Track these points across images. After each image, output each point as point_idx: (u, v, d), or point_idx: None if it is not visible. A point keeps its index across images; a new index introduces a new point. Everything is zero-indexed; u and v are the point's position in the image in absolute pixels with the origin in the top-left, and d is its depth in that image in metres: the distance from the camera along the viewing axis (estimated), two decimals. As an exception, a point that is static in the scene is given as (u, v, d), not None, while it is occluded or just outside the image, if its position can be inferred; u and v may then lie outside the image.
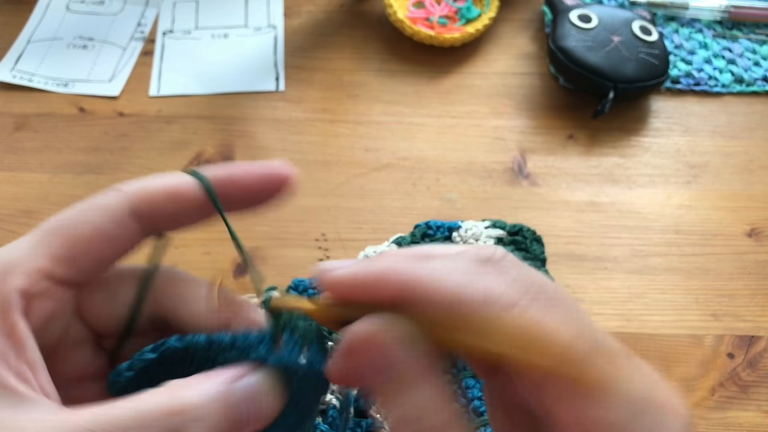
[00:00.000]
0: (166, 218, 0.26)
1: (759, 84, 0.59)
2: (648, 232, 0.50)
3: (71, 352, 0.26)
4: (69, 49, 0.61)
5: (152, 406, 0.22)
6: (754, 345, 0.45)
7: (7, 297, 0.23)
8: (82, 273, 0.25)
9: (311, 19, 0.64)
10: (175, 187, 0.26)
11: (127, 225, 0.25)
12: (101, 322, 0.27)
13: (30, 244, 0.25)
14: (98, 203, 0.25)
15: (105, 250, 0.25)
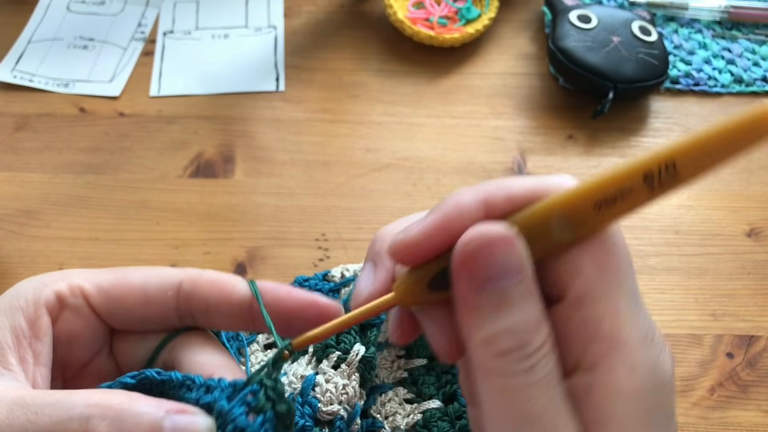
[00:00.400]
0: (203, 306, 0.27)
1: (758, 84, 0.59)
2: (647, 232, 0.50)
3: (93, 381, 0.28)
4: (69, 49, 0.61)
5: (82, 395, 0.23)
6: (754, 345, 0.45)
7: (44, 293, 0.26)
8: (113, 313, 0.27)
9: (311, 20, 0.64)
10: (223, 282, 0.27)
11: (167, 294, 0.27)
12: (126, 361, 0.28)
13: (90, 270, 0.28)
14: (159, 269, 0.27)
15: (139, 304, 0.27)
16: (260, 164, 0.54)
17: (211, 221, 0.50)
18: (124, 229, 0.50)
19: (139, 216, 0.50)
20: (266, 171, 0.53)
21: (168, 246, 0.49)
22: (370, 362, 0.37)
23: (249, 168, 0.53)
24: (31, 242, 0.49)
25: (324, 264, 0.48)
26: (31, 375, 0.25)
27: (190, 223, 0.50)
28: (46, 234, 0.49)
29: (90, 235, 0.49)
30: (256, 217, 0.50)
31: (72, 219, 0.50)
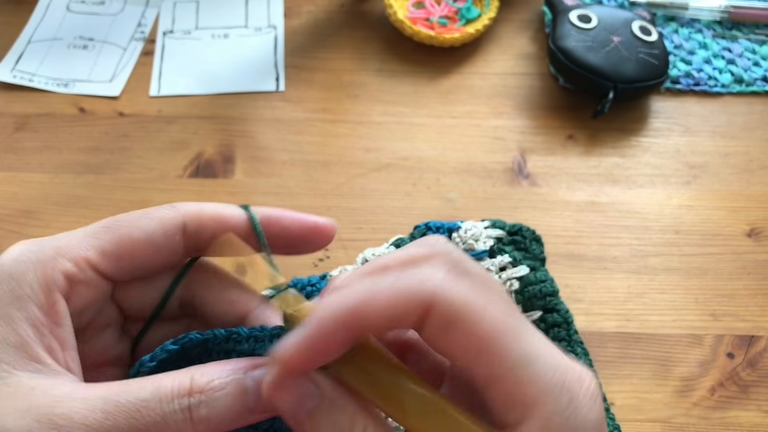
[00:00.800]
0: (210, 241, 0.28)
1: (759, 84, 0.59)
2: (648, 232, 0.50)
3: (98, 335, 0.28)
4: (69, 49, 0.61)
5: (170, 384, 0.23)
6: (754, 345, 0.45)
7: (53, 277, 0.25)
8: (123, 271, 0.27)
9: (311, 20, 0.64)
10: (224, 215, 0.28)
11: (175, 239, 0.27)
12: (134, 305, 0.29)
13: (83, 235, 0.27)
14: (154, 213, 0.27)
15: (149, 256, 0.27)
16: (260, 164, 0.53)
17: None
18: (124, 229, 0.50)
19: (138, 216, 0.50)
20: (266, 171, 0.53)
21: (168, 246, 0.49)
22: None
23: (249, 168, 0.53)
24: (31, 242, 0.49)
25: (324, 264, 0.48)
26: (63, 362, 0.25)
27: (190, 223, 0.50)
28: (46, 234, 0.49)
29: (90, 235, 0.49)
30: (256, 217, 0.50)
31: (72, 219, 0.50)
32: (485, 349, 0.22)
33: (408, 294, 0.22)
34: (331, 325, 0.22)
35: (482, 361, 0.22)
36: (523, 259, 0.43)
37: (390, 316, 0.22)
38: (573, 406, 0.22)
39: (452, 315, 0.22)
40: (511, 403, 0.22)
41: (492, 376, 0.22)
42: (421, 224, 0.45)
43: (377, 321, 0.22)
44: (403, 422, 0.23)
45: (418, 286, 0.23)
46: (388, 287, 0.23)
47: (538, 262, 0.44)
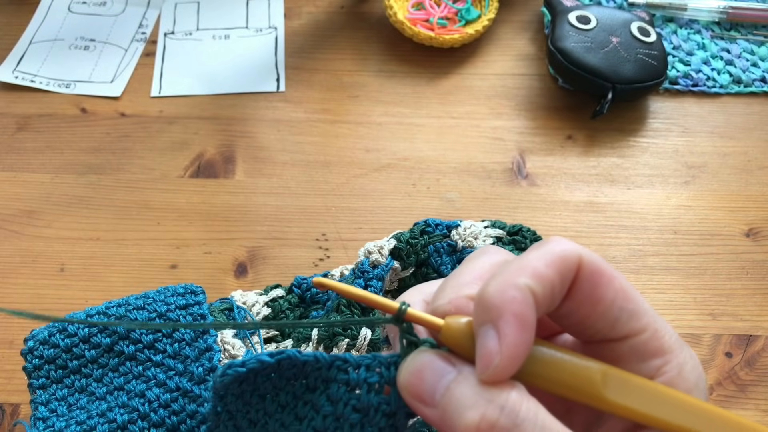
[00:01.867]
0: None
1: (757, 85, 0.59)
2: (646, 232, 0.50)
3: None
4: (71, 50, 0.61)
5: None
6: (752, 344, 0.45)
7: None
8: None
9: (312, 20, 0.64)
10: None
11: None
12: None
13: None
14: None
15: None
16: (261, 164, 0.54)
17: (211, 221, 0.50)
18: (125, 229, 0.50)
19: (140, 216, 0.51)
20: (267, 171, 0.53)
21: (169, 246, 0.49)
22: (377, 344, 0.38)
23: (249, 168, 0.53)
24: (33, 242, 0.49)
25: (324, 264, 0.48)
26: None
27: (191, 223, 0.50)
28: (48, 234, 0.49)
29: (91, 236, 0.49)
30: (257, 217, 0.51)
31: (73, 219, 0.50)
32: (629, 299, 0.23)
33: (561, 257, 0.22)
34: (527, 310, 0.21)
35: (627, 312, 0.23)
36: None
37: (554, 287, 0.22)
38: (694, 356, 0.24)
39: (598, 270, 0.23)
40: (650, 353, 0.23)
41: (634, 328, 0.23)
42: (421, 221, 0.45)
43: (551, 293, 0.22)
44: (601, 400, 0.22)
45: (564, 249, 0.23)
46: (538, 260, 0.22)
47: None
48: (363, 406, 0.23)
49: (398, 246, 0.43)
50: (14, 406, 0.41)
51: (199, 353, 0.37)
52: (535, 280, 0.22)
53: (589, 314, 0.23)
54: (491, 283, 0.22)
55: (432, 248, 0.43)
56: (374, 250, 0.42)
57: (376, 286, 0.41)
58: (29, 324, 0.45)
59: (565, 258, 0.22)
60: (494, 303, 0.21)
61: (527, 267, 0.22)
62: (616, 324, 0.23)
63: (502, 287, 0.21)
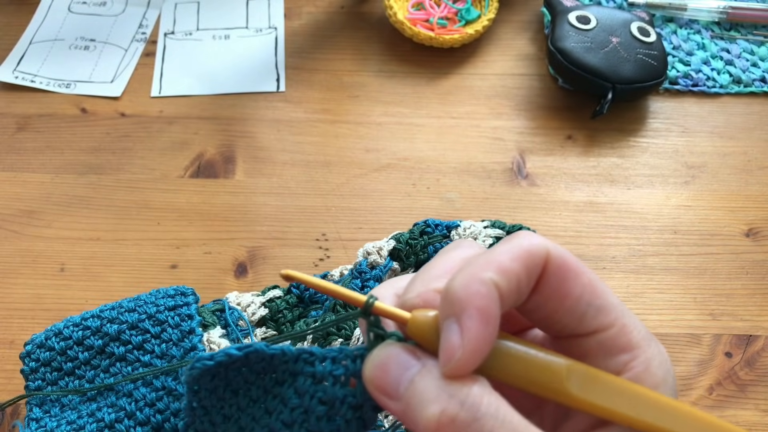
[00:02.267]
0: None
1: (757, 85, 0.59)
2: (646, 232, 0.50)
3: None
4: (71, 50, 0.61)
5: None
6: (752, 344, 0.45)
7: None
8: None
9: (312, 21, 0.64)
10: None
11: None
12: None
13: None
14: None
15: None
16: (261, 164, 0.54)
17: (211, 221, 0.50)
18: (126, 229, 0.50)
19: (140, 216, 0.51)
20: (267, 171, 0.53)
21: (169, 246, 0.49)
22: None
23: (249, 168, 0.53)
24: (33, 242, 0.49)
25: (324, 264, 0.48)
26: None
27: (191, 223, 0.50)
28: (48, 234, 0.49)
29: (91, 235, 0.49)
30: (257, 217, 0.51)
31: (73, 219, 0.50)
32: (597, 294, 0.23)
33: (528, 251, 0.22)
34: (490, 305, 0.21)
35: (594, 307, 0.23)
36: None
37: (521, 282, 0.22)
38: (663, 352, 0.24)
39: (566, 265, 0.23)
40: (617, 348, 0.23)
41: (602, 323, 0.23)
42: (420, 221, 0.45)
43: (517, 288, 0.22)
44: (565, 395, 0.22)
45: (531, 244, 0.23)
46: (505, 255, 0.22)
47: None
48: (329, 398, 0.23)
49: (397, 247, 0.43)
50: (14, 406, 0.41)
51: (185, 353, 0.38)
52: (500, 274, 0.22)
53: (556, 309, 0.23)
54: (457, 277, 0.22)
55: (432, 249, 0.43)
56: (373, 251, 0.42)
57: (373, 287, 0.41)
58: (29, 324, 0.45)
59: (531, 252, 0.22)
60: (458, 297, 0.21)
61: (493, 261, 0.22)
62: (584, 319, 0.23)
63: (467, 281, 0.21)
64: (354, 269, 0.42)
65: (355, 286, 0.41)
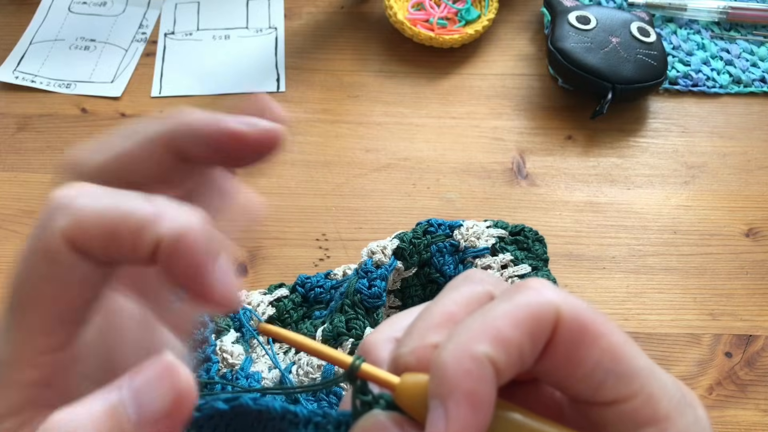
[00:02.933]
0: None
1: (756, 85, 0.59)
2: (646, 232, 0.51)
3: None
4: (71, 50, 0.61)
5: None
6: (752, 344, 0.45)
7: None
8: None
9: (312, 21, 0.64)
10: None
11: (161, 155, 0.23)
12: None
13: None
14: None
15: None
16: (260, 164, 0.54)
17: (212, 221, 0.50)
18: (126, 229, 0.50)
19: (140, 216, 0.51)
20: (267, 171, 0.53)
21: (169, 246, 0.49)
22: None
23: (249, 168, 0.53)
24: (33, 242, 0.49)
25: (324, 264, 0.48)
26: None
27: (191, 223, 0.50)
28: (48, 234, 0.49)
29: (91, 235, 0.49)
30: (257, 217, 0.51)
31: (73, 219, 0.50)
32: (618, 360, 0.20)
33: (533, 315, 0.19)
34: (481, 388, 0.19)
35: (614, 376, 0.20)
36: (525, 258, 0.44)
37: (523, 351, 0.19)
38: (702, 419, 0.21)
39: (581, 327, 0.20)
40: (640, 421, 0.20)
41: (622, 393, 0.20)
42: (423, 221, 0.45)
43: (519, 359, 0.19)
44: None
45: (538, 304, 0.19)
46: (505, 319, 0.19)
47: (540, 262, 0.44)
48: None
49: (401, 246, 0.43)
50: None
51: (197, 364, 0.37)
52: (497, 346, 0.19)
53: (567, 376, 0.20)
54: (448, 346, 0.19)
55: (435, 248, 0.43)
56: (377, 250, 0.43)
57: (380, 286, 0.41)
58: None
59: (538, 316, 0.19)
60: (446, 376, 0.19)
61: (490, 329, 0.19)
62: (601, 388, 0.20)
63: (457, 356, 0.19)
64: (359, 269, 0.42)
65: (363, 286, 0.41)
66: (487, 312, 0.20)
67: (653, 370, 0.21)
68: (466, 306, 0.22)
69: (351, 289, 0.41)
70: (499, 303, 0.20)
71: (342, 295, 0.41)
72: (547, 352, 0.20)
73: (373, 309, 0.40)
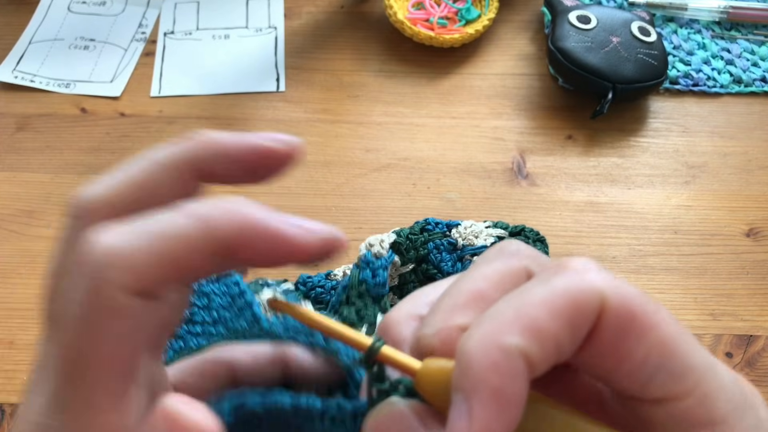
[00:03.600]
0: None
1: (757, 84, 0.59)
2: (646, 232, 0.50)
3: None
4: (70, 49, 0.61)
5: None
6: (753, 344, 0.45)
7: None
8: None
9: (311, 20, 0.64)
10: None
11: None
12: None
13: None
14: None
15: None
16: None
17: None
18: (125, 229, 0.50)
19: (139, 216, 0.50)
20: (267, 171, 0.53)
21: (169, 246, 0.49)
22: None
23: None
24: (33, 242, 0.49)
25: (324, 264, 0.48)
26: None
27: (191, 223, 0.50)
28: (48, 234, 0.49)
29: (91, 235, 0.49)
30: (257, 217, 0.51)
31: (73, 219, 0.50)
32: (670, 355, 0.18)
33: (575, 303, 0.17)
34: (510, 385, 0.17)
35: (665, 372, 0.18)
36: (524, 258, 0.44)
37: (561, 343, 0.17)
38: (762, 428, 0.19)
39: (629, 317, 0.18)
40: (693, 422, 0.18)
41: (673, 391, 0.18)
42: (421, 220, 0.45)
43: (555, 350, 0.17)
44: None
45: (581, 291, 0.17)
46: (542, 307, 0.17)
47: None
48: None
49: (398, 240, 0.43)
50: (14, 406, 0.41)
51: (239, 310, 0.36)
52: (530, 337, 0.17)
53: (612, 370, 0.18)
54: (475, 333, 0.17)
55: (432, 245, 0.43)
56: (375, 243, 0.42)
57: (383, 275, 0.41)
58: (29, 324, 0.45)
59: (579, 303, 0.17)
60: (471, 368, 0.17)
61: (524, 317, 0.17)
62: (650, 384, 0.18)
63: (485, 346, 0.17)
64: (360, 261, 0.42)
65: (367, 276, 0.41)
66: (521, 295, 0.18)
67: (712, 366, 0.18)
68: (498, 283, 0.20)
69: (355, 280, 0.41)
70: (535, 285, 0.18)
71: (345, 289, 0.41)
72: (589, 343, 0.18)
73: (379, 297, 0.40)
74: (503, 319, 0.17)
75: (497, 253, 0.21)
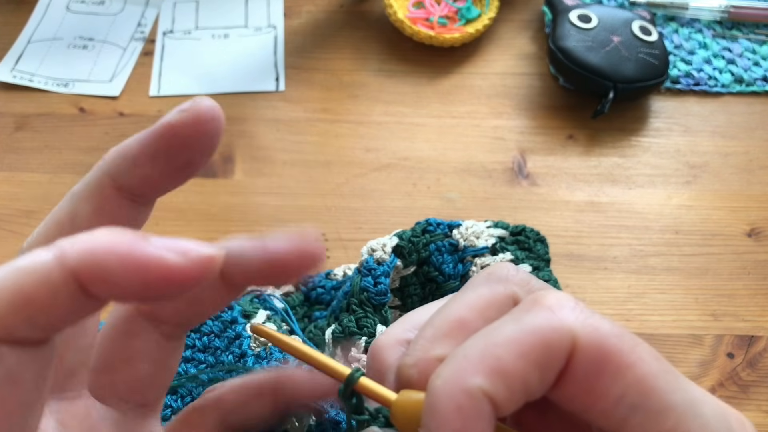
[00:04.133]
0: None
1: (759, 84, 0.59)
2: (647, 232, 0.50)
3: None
4: (69, 49, 0.61)
5: None
6: (754, 345, 0.45)
7: None
8: None
9: (311, 20, 0.64)
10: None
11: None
12: None
13: None
14: None
15: None
16: (260, 164, 0.53)
17: (211, 221, 0.50)
18: (124, 229, 0.50)
19: (138, 216, 0.50)
20: (266, 171, 0.53)
21: (168, 246, 0.49)
22: None
23: (249, 168, 0.53)
24: (31, 242, 0.49)
25: (324, 264, 0.48)
26: None
27: (190, 224, 0.50)
28: (46, 234, 0.49)
29: (90, 235, 0.49)
30: (257, 217, 0.50)
31: (72, 219, 0.50)
32: (648, 393, 0.17)
33: (544, 343, 0.17)
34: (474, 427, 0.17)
35: (642, 412, 0.17)
36: (526, 258, 0.43)
37: (529, 383, 0.17)
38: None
39: (602, 357, 0.17)
40: None
41: (655, 431, 0.18)
42: (422, 221, 0.45)
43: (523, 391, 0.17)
44: None
45: (551, 329, 0.17)
46: (509, 347, 0.17)
47: (542, 263, 0.44)
48: None
49: (400, 244, 0.43)
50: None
51: (229, 342, 0.37)
52: (495, 379, 0.17)
53: (587, 409, 0.18)
54: (443, 371, 0.17)
55: (433, 247, 0.43)
56: (378, 248, 0.42)
57: (385, 283, 0.40)
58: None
59: (548, 343, 0.17)
60: (436, 410, 0.17)
61: (489, 358, 0.17)
62: (627, 425, 0.18)
63: (450, 387, 0.17)
64: (362, 267, 0.42)
65: (369, 284, 0.41)
66: (491, 334, 0.18)
67: (693, 404, 0.18)
68: (482, 311, 0.20)
69: (356, 288, 0.40)
70: (507, 323, 0.18)
71: (346, 295, 0.41)
72: (562, 381, 0.18)
73: (380, 306, 0.39)
74: (470, 358, 0.17)
75: (485, 279, 0.21)
